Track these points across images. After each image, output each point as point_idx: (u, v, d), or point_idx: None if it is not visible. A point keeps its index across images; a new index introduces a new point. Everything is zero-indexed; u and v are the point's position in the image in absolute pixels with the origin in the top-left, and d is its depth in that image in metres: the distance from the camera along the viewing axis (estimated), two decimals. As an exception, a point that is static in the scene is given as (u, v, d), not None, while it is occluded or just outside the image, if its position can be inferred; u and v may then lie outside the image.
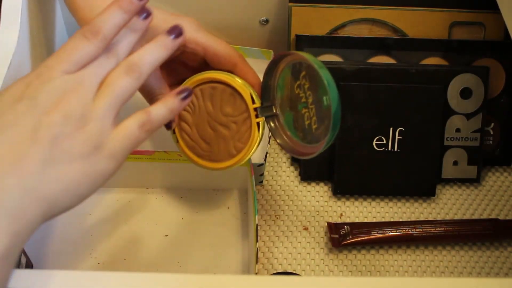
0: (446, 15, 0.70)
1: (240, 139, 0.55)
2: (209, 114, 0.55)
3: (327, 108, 0.48)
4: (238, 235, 0.64)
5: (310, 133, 0.52)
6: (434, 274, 0.63)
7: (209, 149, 0.56)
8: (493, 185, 0.70)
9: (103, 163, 0.44)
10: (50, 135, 0.41)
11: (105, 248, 0.62)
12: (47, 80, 0.43)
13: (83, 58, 0.45)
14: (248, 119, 0.54)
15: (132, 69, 0.46)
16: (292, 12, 0.69)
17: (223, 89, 0.54)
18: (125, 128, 0.45)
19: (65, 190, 0.42)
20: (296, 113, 0.53)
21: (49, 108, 0.42)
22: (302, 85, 0.52)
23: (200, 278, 0.42)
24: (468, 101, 0.67)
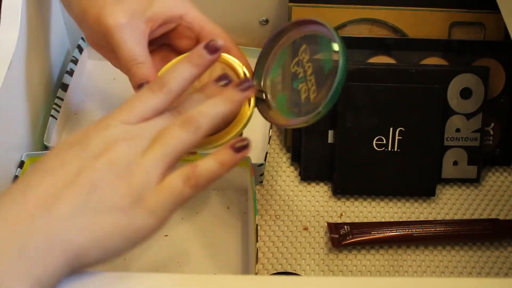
0: (446, 15, 0.70)
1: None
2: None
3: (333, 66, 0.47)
4: (238, 235, 0.64)
5: (307, 104, 0.50)
6: (434, 274, 0.63)
7: None
8: (493, 185, 0.70)
9: (141, 218, 0.40)
10: (90, 180, 0.39)
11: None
12: (104, 127, 0.42)
13: (146, 111, 0.43)
14: None
15: (188, 122, 0.43)
16: (292, 12, 0.69)
17: (214, 65, 0.51)
18: (169, 183, 0.41)
19: (94, 241, 0.39)
20: (291, 91, 0.52)
21: (96, 154, 0.40)
22: (300, 61, 0.51)
23: (200, 278, 0.42)
24: (468, 101, 0.67)
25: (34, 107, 0.65)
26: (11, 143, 0.61)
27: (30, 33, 0.63)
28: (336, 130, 0.66)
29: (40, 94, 0.68)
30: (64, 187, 0.39)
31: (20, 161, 0.62)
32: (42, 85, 0.68)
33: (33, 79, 0.65)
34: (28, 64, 0.63)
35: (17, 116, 0.62)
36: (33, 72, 0.65)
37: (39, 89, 0.67)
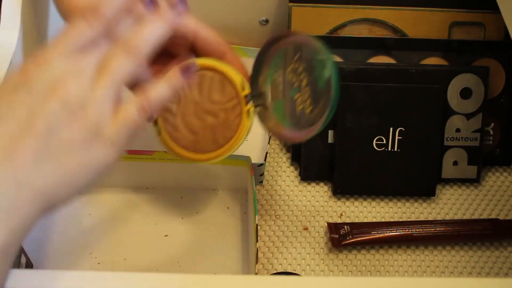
0: (446, 15, 0.70)
1: (229, 127, 0.53)
2: (196, 103, 0.53)
3: (326, 84, 0.47)
4: (238, 235, 0.64)
5: (303, 117, 0.50)
6: (434, 274, 0.63)
7: (195, 140, 0.53)
8: (493, 185, 0.70)
9: (103, 151, 0.42)
10: (46, 125, 0.40)
11: (105, 248, 0.62)
12: (44, 65, 0.41)
13: (84, 41, 0.42)
14: (237, 106, 0.52)
15: (130, 48, 0.43)
16: (292, 12, 0.69)
17: (212, 76, 0.52)
18: (124, 113, 0.43)
19: (62, 183, 0.40)
20: (288, 100, 0.52)
21: (45, 96, 0.40)
22: (295, 69, 0.51)
23: (200, 278, 0.42)
24: (468, 101, 0.67)
25: (34, 107, 0.65)
26: (11, 143, 0.61)
27: (30, 33, 0.63)
28: (336, 130, 0.66)
29: (40, 94, 0.68)
30: (20, 135, 0.39)
31: (20, 161, 0.62)
32: (42, 85, 0.68)
33: (33, 79, 0.65)
34: (28, 64, 0.63)
35: (17, 116, 0.62)
36: (33, 72, 0.65)
37: (39, 89, 0.67)
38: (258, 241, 0.61)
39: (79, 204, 0.65)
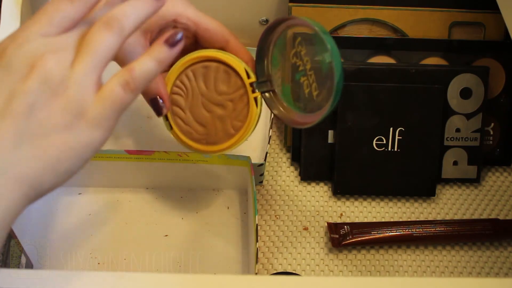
0: (446, 15, 0.70)
1: (238, 117, 0.53)
2: (203, 95, 0.53)
3: (329, 68, 0.47)
4: (238, 235, 0.64)
5: (311, 101, 0.50)
6: (434, 274, 0.63)
7: (206, 132, 0.54)
8: (493, 185, 0.70)
9: (87, 132, 0.39)
10: (25, 105, 0.37)
11: (105, 248, 0.62)
12: (22, 42, 0.39)
13: (64, 20, 0.40)
14: (244, 95, 0.53)
15: (112, 24, 0.41)
16: (292, 12, 0.69)
17: (217, 67, 0.52)
18: (108, 91, 0.40)
19: (46, 168, 0.38)
20: (294, 84, 0.52)
21: (24, 75, 0.38)
22: (298, 53, 0.51)
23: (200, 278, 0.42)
24: (468, 101, 0.67)
25: (34, 107, 0.65)
26: (11, 143, 0.61)
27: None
28: (336, 130, 0.66)
29: (40, 94, 0.68)
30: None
31: (20, 161, 0.62)
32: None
33: (33, 79, 0.65)
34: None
35: (17, 116, 0.62)
36: (33, 72, 0.65)
37: (39, 89, 0.67)
38: (258, 241, 0.61)
39: (79, 204, 0.65)
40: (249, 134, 0.53)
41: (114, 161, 0.63)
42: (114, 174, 0.65)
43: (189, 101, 0.54)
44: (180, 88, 0.53)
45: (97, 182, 0.66)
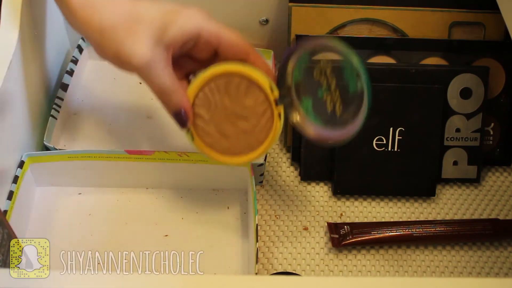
0: (446, 15, 0.70)
1: (261, 131, 0.54)
2: (226, 108, 0.54)
3: (359, 93, 0.49)
4: (238, 235, 0.64)
5: (334, 117, 0.52)
6: (434, 274, 0.63)
7: (229, 144, 0.55)
8: (493, 185, 0.70)
9: None
10: None
11: (105, 248, 0.62)
12: None
13: None
14: (268, 109, 0.54)
15: None
16: (292, 12, 0.69)
17: (239, 81, 0.53)
18: None
19: None
20: (316, 98, 0.53)
21: None
22: (323, 71, 0.52)
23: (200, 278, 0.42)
24: (468, 101, 0.67)
25: (34, 107, 0.65)
26: (11, 143, 0.61)
27: (30, 33, 0.63)
28: (336, 130, 0.66)
29: (40, 94, 0.68)
30: None
31: (20, 161, 0.62)
32: (42, 85, 0.68)
33: (33, 79, 0.65)
34: (28, 64, 0.63)
35: (17, 116, 0.62)
36: (33, 72, 0.65)
37: (39, 89, 0.67)
38: (258, 241, 0.61)
39: (79, 204, 0.65)
40: (271, 147, 0.55)
41: (114, 161, 0.63)
42: (114, 174, 0.65)
43: (212, 114, 0.54)
44: (202, 101, 0.54)
45: (97, 182, 0.66)
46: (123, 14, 0.53)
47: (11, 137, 0.61)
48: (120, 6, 0.53)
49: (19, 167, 0.62)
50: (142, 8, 0.53)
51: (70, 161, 0.63)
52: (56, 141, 0.68)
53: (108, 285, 0.41)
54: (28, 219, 0.63)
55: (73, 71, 0.72)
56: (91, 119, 0.72)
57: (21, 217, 0.62)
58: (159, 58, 0.52)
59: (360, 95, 0.49)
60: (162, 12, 0.53)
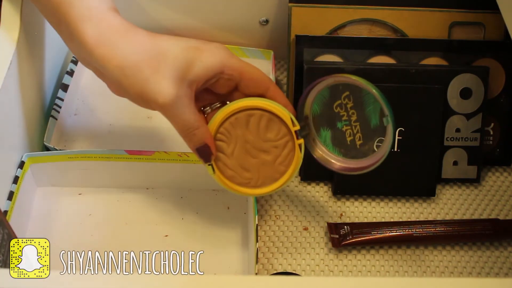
0: (446, 15, 0.70)
1: (283, 162, 0.56)
2: (248, 141, 0.55)
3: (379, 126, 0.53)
4: (238, 235, 0.64)
5: (354, 148, 0.55)
6: (434, 274, 0.63)
7: (250, 177, 0.56)
8: (493, 185, 0.70)
9: None
10: None
11: (105, 248, 0.62)
12: None
13: None
14: (289, 142, 0.55)
15: None
16: (292, 12, 0.69)
17: (261, 115, 0.54)
18: None
19: None
20: (335, 130, 0.56)
21: None
22: (343, 104, 0.55)
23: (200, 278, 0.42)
24: (468, 101, 0.67)
25: (34, 107, 0.66)
26: (11, 144, 0.61)
27: (30, 33, 0.63)
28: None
29: (40, 95, 0.68)
30: None
31: (20, 161, 0.62)
32: (42, 85, 0.68)
33: (33, 79, 0.65)
34: (28, 65, 0.63)
35: (17, 116, 0.62)
36: (33, 72, 0.65)
37: (39, 90, 0.67)
38: (258, 241, 0.61)
39: (79, 205, 0.65)
40: (293, 178, 0.57)
41: (114, 161, 0.63)
42: (114, 174, 0.65)
43: (233, 148, 0.55)
44: (224, 135, 0.55)
45: (97, 182, 0.66)
46: (146, 51, 0.52)
47: (11, 138, 0.61)
48: (142, 42, 0.53)
49: (19, 167, 0.62)
50: (165, 44, 0.53)
51: (70, 161, 0.63)
52: (56, 141, 0.68)
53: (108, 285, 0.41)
54: (28, 219, 0.63)
55: (73, 71, 0.72)
56: (91, 120, 0.72)
57: (21, 218, 0.62)
58: (184, 96, 0.52)
59: (382, 129, 0.53)
60: (185, 49, 0.53)
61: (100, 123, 0.71)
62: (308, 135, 0.57)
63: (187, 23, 0.76)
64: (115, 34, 0.53)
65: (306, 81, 0.67)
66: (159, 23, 0.76)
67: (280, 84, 0.77)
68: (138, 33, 0.54)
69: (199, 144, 0.54)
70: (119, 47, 0.52)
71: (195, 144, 0.54)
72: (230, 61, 0.54)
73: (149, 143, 0.69)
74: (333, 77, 0.54)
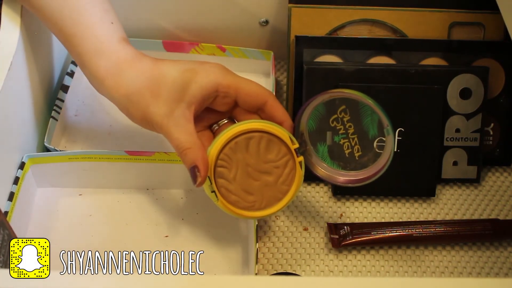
0: (446, 16, 0.70)
1: (285, 182, 0.56)
2: (249, 165, 0.55)
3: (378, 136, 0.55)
4: (238, 236, 0.64)
5: (353, 161, 0.56)
6: (434, 274, 0.63)
7: (254, 199, 0.56)
8: (493, 185, 0.70)
9: None
10: None
11: (105, 249, 0.62)
12: None
13: None
14: (290, 161, 0.56)
15: None
16: (292, 13, 0.69)
17: (260, 137, 0.55)
18: None
19: None
20: (332, 144, 0.57)
21: None
22: (339, 118, 0.56)
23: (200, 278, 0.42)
24: (468, 101, 0.67)
25: (34, 108, 0.66)
26: (12, 144, 0.61)
27: (30, 34, 0.63)
28: (336, 130, 0.67)
29: (41, 95, 0.68)
30: None
31: (21, 162, 0.62)
32: (43, 86, 0.68)
33: (34, 80, 0.65)
34: (29, 65, 0.63)
35: (17, 117, 0.62)
36: (34, 73, 0.65)
37: (39, 90, 0.67)
38: (258, 242, 0.61)
39: (80, 205, 0.65)
40: (296, 195, 0.57)
41: (115, 162, 0.63)
42: (115, 175, 0.65)
43: (234, 172, 0.56)
44: (224, 160, 0.55)
45: (98, 183, 0.66)
46: (148, 77, 0.55)
47: (12, 138, 0.61)
48: (145, 69, 0.56)
49: (19, 168, 0.62)
50: (165, 68, 0.55)
51: (70, 162, 0.63)
52: (57, 142, 0.68)
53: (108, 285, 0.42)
54: (28, 220, 0.63)
55: (73, 72, 0.72)
56: (92, 120, 0.72)
57: (22, 218, 0.62)
58: (180, 116, 0.54)
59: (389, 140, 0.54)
60: (182, 72, 0.55)
61: (101, 124, 0.71)
62: (306, 152, 0.57)
63: (188, 24, 0.76)
64: (122, 64, 0.56)
65: (306, 81, 0.67)
66: (159, 24, 0.76)
67: (280, 84, 0.77)
68: (143, 60, 0.56)
69: (190, 164, 0.54)
70: (125, 76, 0.55)
71: (186, 164, 0.55)
72: (225, 79, 0.55)
73: (149, 143, 0.69)
74: (328, 93, 0.55)
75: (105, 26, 0.57)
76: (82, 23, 0.56)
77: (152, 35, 0.76)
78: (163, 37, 0.76)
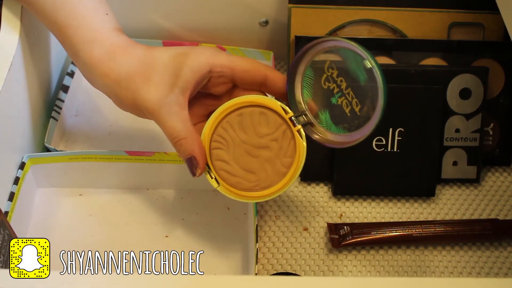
0: (446, 16, 0.70)
1: (286, 154, 0.53)
2: (245, 142, 0.53)
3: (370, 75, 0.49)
4: (238, 236, 0.64)
5: (355, 117, 0.52)
6: (434, 274, 0.63)
7: (257, 178, 0.54)
8: (493, 185, 0.70)
9: None
10: None
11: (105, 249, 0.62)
12: None
13: None
14: (287, 130, 0.53)
15: None
16: (292, 13, 0.69)
17: (251, 111, 0.53)
18: None
19: None
20: (332, 108, 0.53)
21: None
22: (330, 77, 0.52)
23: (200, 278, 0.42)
24: (468, 101, 0.67)
25: (34, 108, 0.66)
26: (12, 145, 0.61)
27: (30, 34, 0.63)
28: (336, 130, 0.67)
29: (41, 96, 0.68)
30: None
31: (21, 162, 0.62)
32: (43, 86, 0.68)
33: (34, 80, 0.65)
34: (29, 66, 0.63)
35: (17, 118, 0.62)
36: (34, 73, 0.65)
37: (39, 91, 0.67)
38: (258, 242, 0.61)
39: (80, 205, 0.65)
40: (301, 168, 0.53)
41: (115, 162, 0.64)
42: (115, 175, 0.65)
43: (231, 152, 0.53)
44: (219, 141, 0.53)
45: (98, 183, 0.66)
46: (139, 63, 0.54)
47: (12, 139, 0.61)
48: (137, 54, 0.54)
49: (20, 168, 0.62)
50: (156, 54, 0.54)
51: (70, 162, 0.63)
52: (57, 142, 0.68)
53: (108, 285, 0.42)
54: (29, 220, 0.63)
55: (73, 72, 0.72)
56: (92, 121, 0.72)
57: (22, 218, 0.62)
58: (174, 103, 0.53)
59: (373, 80, 0.49)
60: (173, 56, 0.53)
61: (101, 124, 0.71)
62: (310, 125, 0.54)
63: (188, 24, 0.76)
64: (115, 50, 0.55)
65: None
66: (159, 24, 0.76)
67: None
68: (136, 47, 0.55)
69: (186, 155, 0.53)
70: (117, 62, 0.54)
71: (182, 155, 0.53)
72: (217, 58, 0.53)
73: (149, 144, 0.69)
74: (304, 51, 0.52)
75: (99, 16, 0.56)
76: (76, 14, 0.55)
77: (152, 35, 0.76)
78: (163, 37, 0.76)
